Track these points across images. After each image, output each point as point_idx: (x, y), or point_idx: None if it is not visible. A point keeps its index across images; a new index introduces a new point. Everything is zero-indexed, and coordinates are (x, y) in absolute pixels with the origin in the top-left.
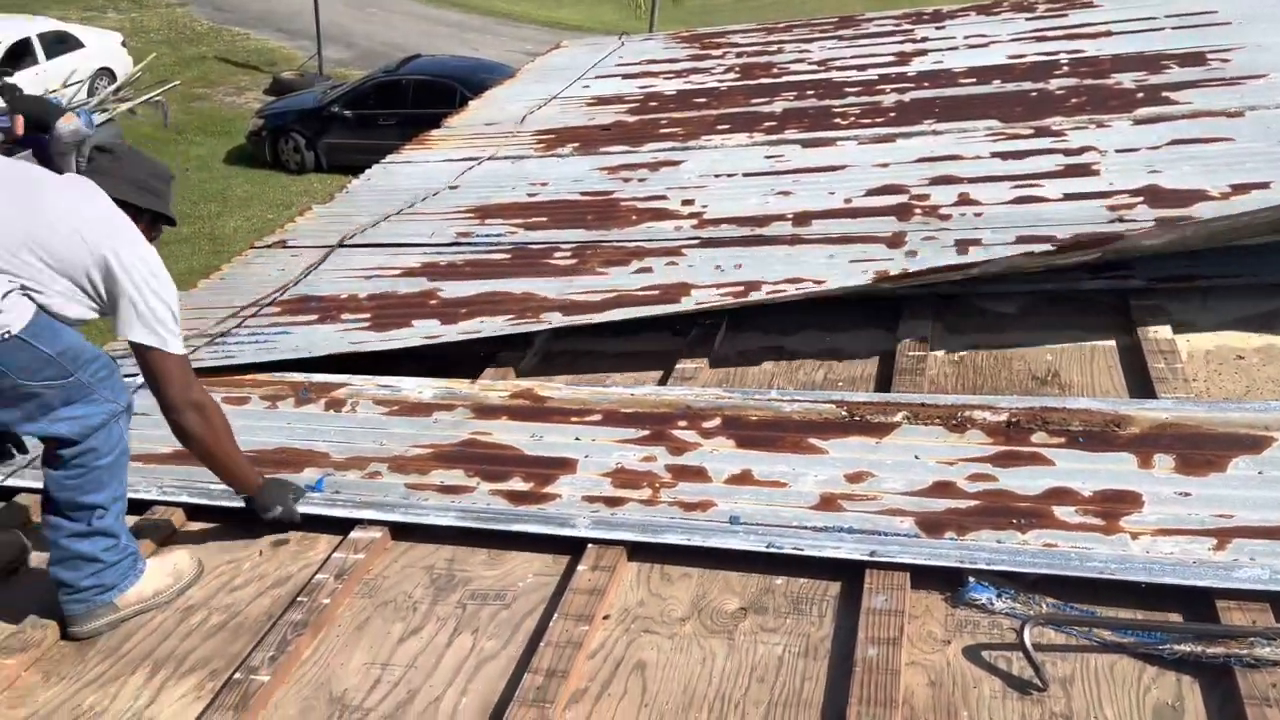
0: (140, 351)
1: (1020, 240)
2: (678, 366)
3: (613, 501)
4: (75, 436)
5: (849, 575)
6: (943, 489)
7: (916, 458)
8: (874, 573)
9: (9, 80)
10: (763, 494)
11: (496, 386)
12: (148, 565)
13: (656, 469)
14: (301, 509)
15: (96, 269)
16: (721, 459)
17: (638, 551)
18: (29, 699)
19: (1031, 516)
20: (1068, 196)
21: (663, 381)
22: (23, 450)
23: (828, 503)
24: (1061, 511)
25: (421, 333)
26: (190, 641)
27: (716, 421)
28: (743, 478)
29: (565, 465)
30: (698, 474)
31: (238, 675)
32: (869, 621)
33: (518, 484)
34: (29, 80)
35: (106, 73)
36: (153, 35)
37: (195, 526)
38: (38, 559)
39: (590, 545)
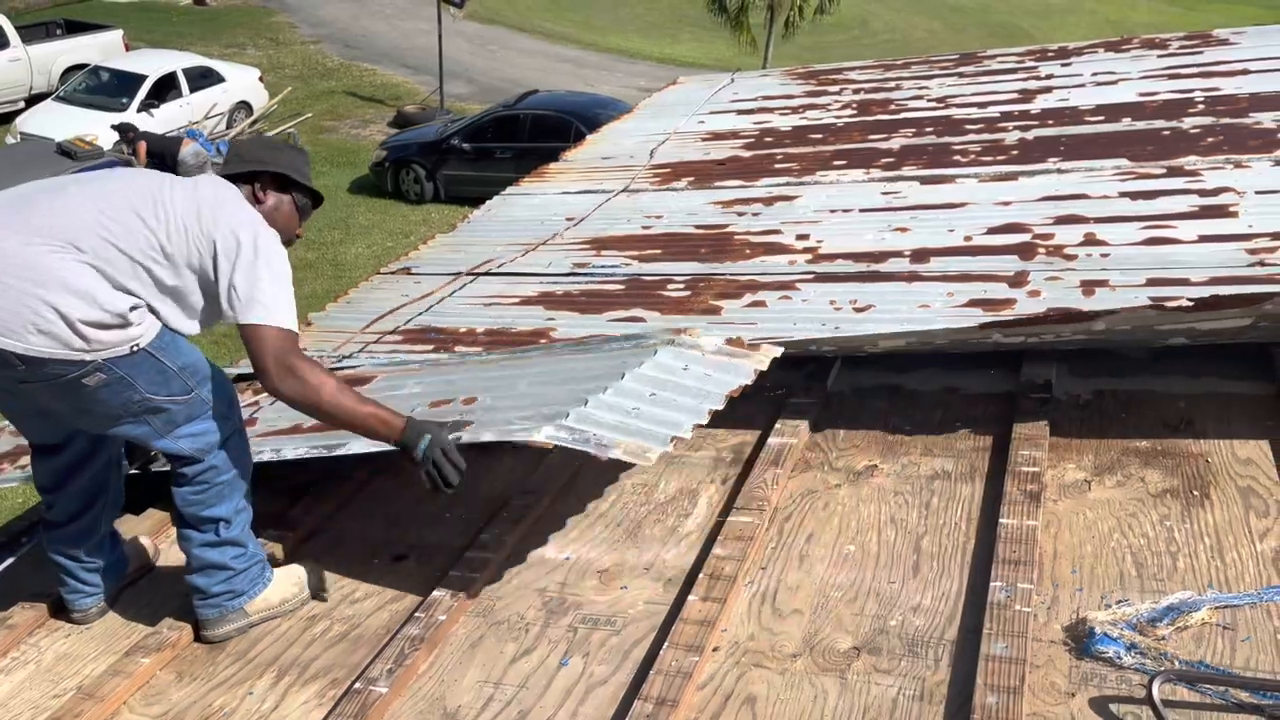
0: (244, 331)
1: (1151, 283)
2: (790, 401)
3: None
4: (196, 453)
5: None
6: None
7: None
8: None
9: (124, 120)
10: None
11: None
12: (275, 574)
13: None
14: None
15: (208, 256)
16: None
17: None
18: (163, 697)
19: None
20: (1203, 239)
21: (769, 424)
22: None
23: None
24: None
25: None
26: (313, 650)
27: None
28: None
29: None
30: None
31: (357, 685)
32: (987, 668)
33: None
34: (175, 112)
35: (244, 106)
36: (287, 70)
37: (322, 538)
38: (167, 562)
39: None
